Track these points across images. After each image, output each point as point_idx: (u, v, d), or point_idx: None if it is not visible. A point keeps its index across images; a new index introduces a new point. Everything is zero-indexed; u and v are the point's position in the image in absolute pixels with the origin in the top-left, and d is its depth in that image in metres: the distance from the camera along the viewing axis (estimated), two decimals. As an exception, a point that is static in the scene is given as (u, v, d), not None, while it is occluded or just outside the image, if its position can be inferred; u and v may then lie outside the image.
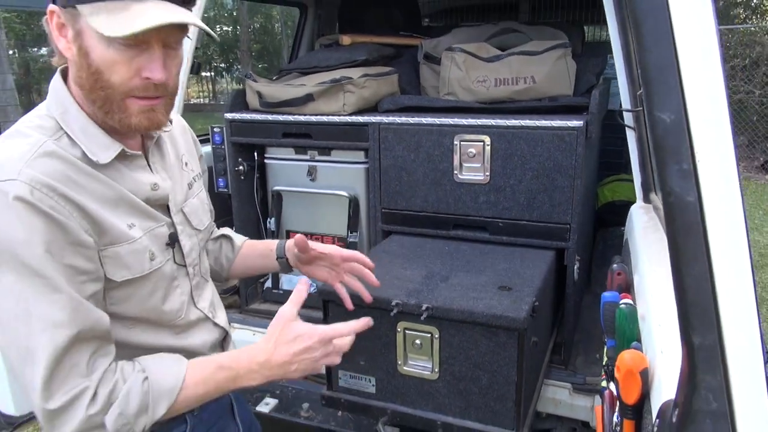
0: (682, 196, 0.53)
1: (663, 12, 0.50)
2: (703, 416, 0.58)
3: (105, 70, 0.96)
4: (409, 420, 1.69)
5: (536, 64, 2.15)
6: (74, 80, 1.01)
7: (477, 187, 2.01)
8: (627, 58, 1.57)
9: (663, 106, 0.53)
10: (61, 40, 0.97)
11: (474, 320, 1.53)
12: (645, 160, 1.60)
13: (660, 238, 1.31)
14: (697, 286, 0.55)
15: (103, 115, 1.01)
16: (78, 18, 0.94)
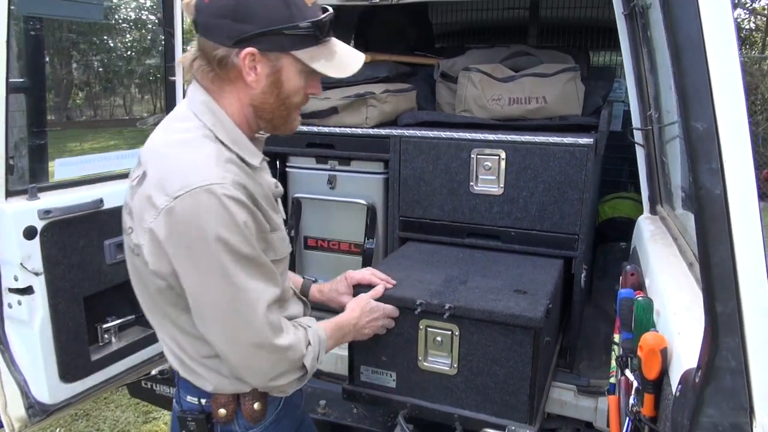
0: (711, 189, 0.66)
1: (699, 44, 0.64)
2: (723, 373, 0.70)
3: (293, 94, 1.23)
4: (428, 413, 1.78)
5: (548, 86, 2.30)
6: (253, 102, 1.21)
7: (491, 198, 2.15)
8: (638, 82, 1.72)
9: (697, 117, 0.66)
10: (250, 74, 1.17)
11: (493, 319, 1.64)
12: (652, 175, 1.75)
13: (668, 244, 1.45)
14: (721, 264, 0.68)
15: (271, 127, 1.28)
16: (282, 59, 1.18)
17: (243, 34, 1.13)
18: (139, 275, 1.23)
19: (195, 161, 1.13)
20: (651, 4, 1.54)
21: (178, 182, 1.09)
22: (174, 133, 1.20)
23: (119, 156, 2.11)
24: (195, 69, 1.21)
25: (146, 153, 1.21)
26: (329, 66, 1.20)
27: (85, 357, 2.01)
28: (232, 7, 1.12)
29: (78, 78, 14.15)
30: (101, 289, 2.04)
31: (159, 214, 1.10)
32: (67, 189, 1.94)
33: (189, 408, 1.34)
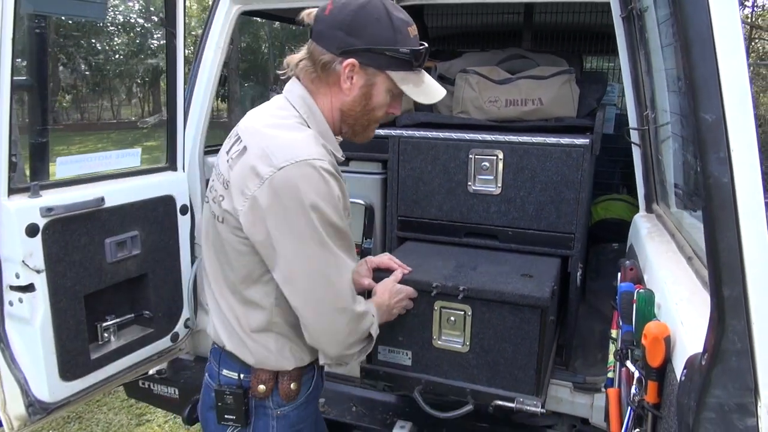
0: (719, 178, 0.70)
1: (708, 38, 0.67)
2: (730, 355, 0.74)
3: (377, 108, 1.40)
4: (442, 389, 1.89)
5: (543, 88, 2.34)
6: (342, 107, 1.38)
7: (489, 197, 2.18)
8: (635, 83, 1.77)
9: (706, 108, 0.69)
10: (346, 82, 1.34)
11: (504, 299, 1.77)
12: (649, 174, 1.79)
13: (666, 240, 1.49)
14: (728, 249, 0.71)
15: (351, 132, 1.45)
16: (378, 76, 1.34)
17: (350, 46, 1.30)
18: (221, 242, 1.36)
19: (297, 139, 1.29)
20: (648, 8, 1.58)
21: (282, 155, 1.24)
22: (273, 117, 1.36)
23: (120, 155, 2.11)
24: (299, 68, 1.38)
25: (245, 131, 1.35)
26: (416, 91, 1.38)
27: (85, 355, 2.01)
28: (348, 22, 1.29)
29: (65, 81, 14.06)
30: (101, 288, 2.04)
31: (263, 183, 1.23)
32: (69, 187, 1.94)
33: (227, 382, 1.44)
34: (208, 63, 2.45)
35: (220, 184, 1.35)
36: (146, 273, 2.20)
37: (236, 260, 1.34)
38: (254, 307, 1.37)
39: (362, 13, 1.29)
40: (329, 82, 1.35)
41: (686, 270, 1.23)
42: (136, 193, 2.12)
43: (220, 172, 1.37)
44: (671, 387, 0.96)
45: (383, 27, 1.30)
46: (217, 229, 1.36)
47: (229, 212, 1.30)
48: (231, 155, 1.34)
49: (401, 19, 1.33)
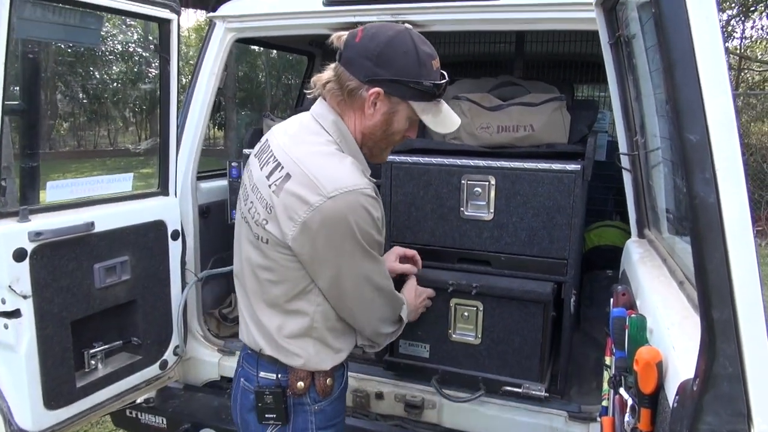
0: (705, 198, 0.69)
1: (690, 59, 0.67)
2: (721, 380, 0.72)
3: (396, 133, 1.50)
4: (456, 377, 2.16)
5: (535, 114, 2.36)
6: (364, 130, 1.48)
7: (481, 223, 2.17)
8: (624, 109, 1.78)
9: (690, 129, 0.69)
10: (370, 108, 1.43)
11: (511, 296, 2.05)
12: (639, 199, 1.79)
13: (658, 265, 1.48)
14: (716, 271, 0.70)
15: (369, 154, 1.54)
16: (400, 105, 1.43)
17: (377, 76, 1.38)
18: (264, 260, 1.45)
19: (342, 170, 1.38)
20: (635, 35, 1.60)
21: (330, 185, 1.34)
22: (311, 145, 1.44)
23: (111, 179, 2.11)
24: (326, 89, 1.45)
25: (287, 160, 1.41)
26: (434, 121, 1.48)
27: (71, 383, 1.98)
28: (377, 53, 1.37)
29: (62, 108, 14.15)
30: (89, 314, 2.02)
31: (313, 210, 1.33)
32: (59, 211, 1.93)
33: (266, 384, 1.53)
34: (202, 89, 2.46)
35: (262, 207, 1.42)
36: (135, 299, 2.18)
37: (283, 275, 1.44)
38: (296, 316, 1.48)
39: (391, 45, 1.37)
40: (354, 106, 1.44)
41: (678, 294, 1.22)
42: (126, 218, 2.11)
43: (261, 196, 1.43)
44: (664, 414, 0.94)
45: (409, 60, 1.38)
46: (261, 249, 1.45)
47: (275, 235, 1.39)
48: (274, 182, 1.40)
49: (426, 53, 1.41)
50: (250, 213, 1.47)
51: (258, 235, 1.44)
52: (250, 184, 1.49)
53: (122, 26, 13.91)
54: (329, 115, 1.46)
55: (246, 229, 1.50)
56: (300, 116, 1.55)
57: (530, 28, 2.27)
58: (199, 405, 2.47)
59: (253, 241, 1.46)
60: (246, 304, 1.56)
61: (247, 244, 1.50)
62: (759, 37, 15.04)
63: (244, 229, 1.51)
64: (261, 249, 1.44)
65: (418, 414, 2.26)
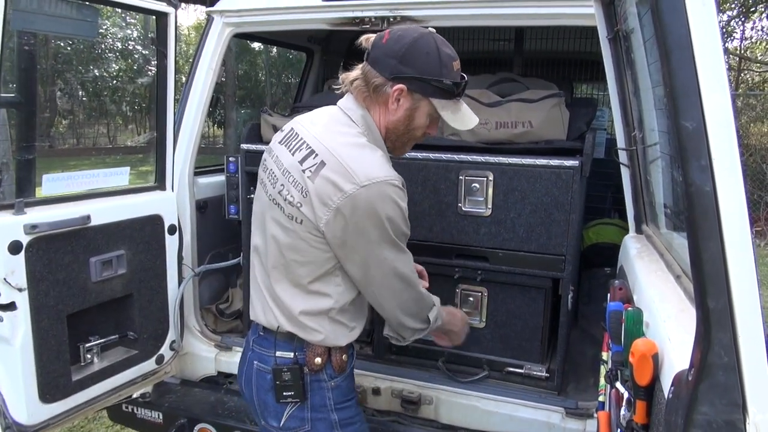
0: (701, 186, 0.68)
1: (687, 44, 0.67)
2: (716, 369, 0.71)
3: (417, 129, 1.60)
4: (462, 359, 2.28)
5: (533, 111, 2.35)
6: (387, 125, 1.58)
7: (479, 219, 2.17)
8: (622, 103, 1.77)
9: (686, 116, 0.69)
10: (394, 104, 1.53)
11: (514, 282, 2.16)
12: (638, 195, 1.78)
13: (655, 260, 1.47)
14: (712, 260, 0.69)
15: (392, 147, 1.64)
16: (421, 102, 1.53)
17: (401, 73, 1.49)
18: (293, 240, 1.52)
19: (374, 161, 1.48)
20: (634, 29, 1.59)
21: (363, 175, 1.43)
22: (345, 135, 1.53)
23: (108, 173, 2.10)
24: (354, 86, 1.56)
25: (320, 146, 1.50)
26: (453, 117, 1.57)
27: (66, 377, 1.97)
28: (402, 53, 1.48)
29: (62, 106, 14.13)
30: (85, 307, 2.01)
31: (346, 197, 1.42)
32: (55, 204, 1.92)
33: (283, 362, 1.59)
34: (200, 84, 2.45)
35: (297, 191, 1.50)
36: (132, 293, 2.17)
37: (310, 256, 1.52)
38: (317, 296, 1.56)
39: (415, 46, 1.49)
40: (378, 101, 1.55)
41: (675, 288, 1.22)
42: (123, 211, 2.10)
43: (295, 180, 1.51)
44: (660, 406, 0.94)
45: (432, 60, 1.49)
46: (293, 228, 1.52)
47: (308, 218, 1.47)
48: (308, 167, 1.49)
49: (448, 54, 1.52)
50: (281, 195, 1.54)
51: (291, 215, 1.52)
52: (280, 169, 1.56)
53: (122, 23, 13.89)
54: (358, 109, 1.56)
55: (277, 211, 1.56)
56: (327, 109, 1.65)
57: (529, 23, 2.27)
58: (195, 400, 2.46)
59: (283, 221, 1.54)
60: (265, 281, 1.63)
61: (274, 225, 1.57)
62: (759, 38, 15.03)
63: (274, 211, 1.57)
64: (293, 229, 1.52)
65: (414, 410, 2.25)
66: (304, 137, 1.56)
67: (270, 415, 1.63)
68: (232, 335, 2.64)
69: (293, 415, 1.61)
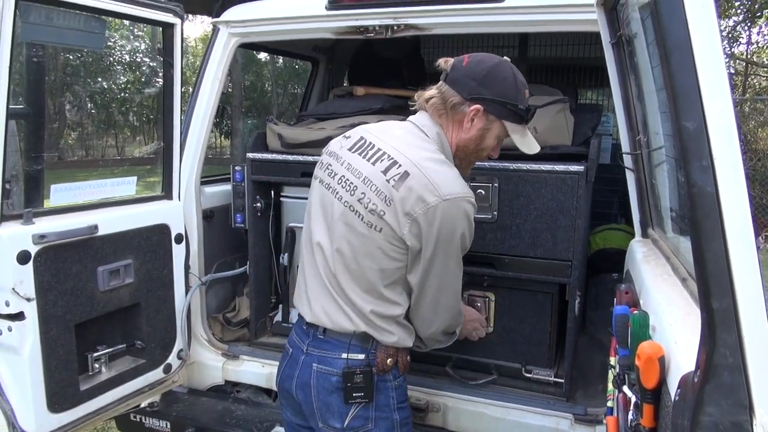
0: (703, 187, 0.68)
1: (687, 46, 0.67)
2: (722, 370, 0.71)
3: (485, 149, 1.70)
4: (470, 364, 2.28)
5: (538, 116, 2.31)
6: (459, 142, 1.67)
7: (485, 225, 2.17)
8: (626, 108, 1.77)
9: (687, 117, 0.69)
10: (468, 122, 1.62)
11: (521, 286, 2.17)
12: (643, 199, 1.78)
13: (661, 264, 1.47)
14: (715, 260, 0.69)
15: (459, 166, 1.68)
16: (494, 123, 1.63)
17: (479, 95, 1.59)
18: (371, 246, 1.58)
19: (455, 177, 1.57)
20: (636, 34, 1.60)
21: (446, 190, 1.52)
22: (425, 150, 1.60)
23: (115, 183, 2.12)
24: (429, 104, 1.65)
25: (402, 158, 1.57)
26: (521, 141, 1.68)
27: (75, 386, 1.98)
28: (482, 76, 1.58)
29: (71, 118, 14.25)
30: (93, 317, 2.02)
31: (428, 208, 1.51)
32: (63, 214, 1.93)
33: (355, 364, 1.64)
34: (206, 93, 2.48)
35: (380, 199, 1.56)
36: (139, 302, 2.18)
37: (385, 263, 1.59)
38: (388, 302, 1.64)
39: (495, 71, 1.59)
40: (454, 119, 1.63)
41: (681, 291, 1.21)
42: (130, 221, 2.12)
43: (378, 188, 1.57)
44: (666, 409, 0.93)
45: (509, 85, 1.60)
46: (371, 235, 1.58)
47: (391, 225, 1.55)
48: (392, 177, 1.56)
49: (522, 82, 1.63)
50: (360, 203, 1.59)
51: (371, 223, 1.57)
52: (359, 178, 1.61)
53: (130, 36, 14.03)
54: (434, 127, 1.65)
55: (353, 217, 1.61)
56: (398, 123, 1.74)
57: (533, 30, 2.27)
58: (203, 409, 2.46)
59: (361, 229, 1.59)
60: (332, 283, 1.66)
61: (348, 230, 1.61)
62: (765, 43, 14.99)
63: (350, 218, 1.61)
64: (371, 237, 1.58)
65: (422, 417, 2.24)
66: (382, 147, 1.62)
67: (333, 416, 1.66)
68: (239, 344, 2.64)
69: (358, 415, 1.65)
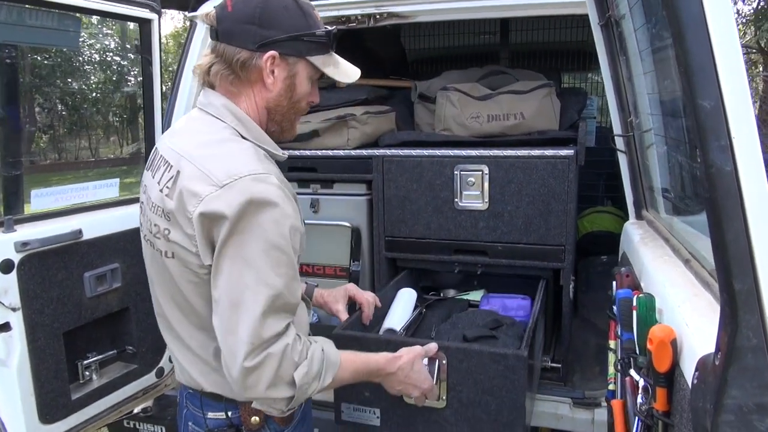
0: (721, 167, 0.67)
1: (702, 22, 0.65)
2: (745, 352, 0.70)
3: (301, 99, 1.33)
4: None
5: (525, 102, 2.34)
6: (268, 104, 1.30)
7: (476, 213, 2.15)
8: (617, 89, 1.76)
9: (704, 95, 0.67)
10: (269, 77, 1.26)
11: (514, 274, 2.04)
12: (636, 181, 1.78)
13: (660, 245, 1.47)
14: (735, 240, 0.68)
15: (280, 130, 1.35)
16: (298, 64, 1.28)
17: (267, 38, 1.23)
18: (174, 280, 1.24)
19: (236, 155, 1.19)
20: (625, 15, 1.59)
21: (223, 173, 1.14)
22: (202, 134, 1.26)
23: (97, 185, 2.06)
24: (213, 74, 1.27)
25: (174, 156, 1.23)
26: (337, 72, 1.33)
27: (66, 396, 1.92)
28: (258, 15, 1.23)
29: (42, 121, 13.94)
30: (81, 324, 1.96)
31: (201, 201, 1.13)
32: (45, 220, 1.88)
33: (216, 425, 1.33)
34: (186, 90, 2.41)
35: (160, 217, 1.22)
36: (128, 306, 2.13)
37: (196, 294, 1.23)
38: None
39: (269, 4, 1.24)
40: (251, 80, 1.27)
41: (684, 273, 1.21)
42: (115, 224, 2.06)
43: (155, 204, 1.24)
44: (682, 392, 0.92)
45: (294, 14, 1.26)
46: (167, 266, 1.24)
47: (179, 243, 1.19)
48: (165, 185, 1.21)
49: (307, 3, 1.30)
50: (152, 232, 1.26)
51: (162, 250, 1.24)
52: (149, 203, 1.27)
53: (99, 34, 13.73)
54: (216, 100, 1.28)
55: (148, 248, 1.30)
56: (188, 114, 1.39)
57: (519, 14, 2.24)
58: (197, 412, 2.42)
59: (159, 260, 1.26)
60: (172, 336, 1.34)
61: (156, 267, 1.29)
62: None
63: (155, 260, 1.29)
64: (168, 267, 1.24)
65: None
66: (162, 152, 1.28)
67: None
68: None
69: None
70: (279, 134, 1.36)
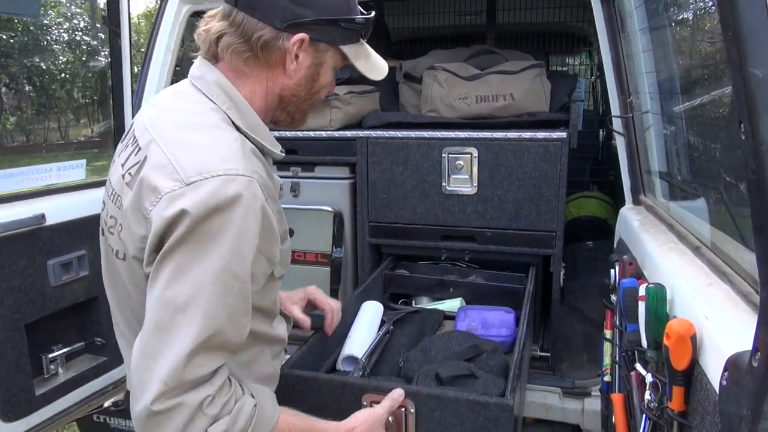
0: (774, 144, 0.59)
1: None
2: (789, 353, 0.63)
3: (320, 90, 1.15)
4: None
5: (514, 82, 2.25)
6: (283, 92, 1.11)
7: (465, 198, 2.07)
8: (617, 70, 1.69)
9: (756, 62, 0.59)
10: (293, 62, 1.07)
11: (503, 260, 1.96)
12: (634, 164, 1.71)
13: (663, 231, 1.40)
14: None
15: (290, 120, 1.17)
16: (327, 52, 1.10)
17: (299, 18, 1.04)
18: (124, 283, 1.06)
19: (216, 146, 0.97)
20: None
21: (192, 167, 0.93)
22: (183, 114, 1.04)
23: (62, 167, 1.92)
24: (223, 46, 1.05)
25: (145, 136, 1.02)
26: (368, 66, 1.15)
27: (29, 392, 1.80)
28: None
29: (8, 102, 13.48)
30: (45, 315, 1.84)
31: (159, 200, 0.92)
32: (4, 204, 1.74)
33: None
34: (158, 67, 2.28)
35: (117, 209, 1.03)
36: (96, 296, 2.00)
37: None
38: None
39: None
40: (271, 63, 1.07)
41: (694, 261, 1.14)
42: (81, 208, 1.93)
43: (114, 191, 1.05)
44: (704, 392, 0.85)
45: None
46: (118, 267, 1.05)
47: (130, 243, 0.99)
48: (128, 170, 1.01)
49: None
50: (107, 225, 1.08)
51: (112, 247, 1.05)
52: (109, 189, 1.08)
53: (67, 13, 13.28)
54: (211, 74, 1.07)
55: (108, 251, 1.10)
56: (177, 84, 1.16)
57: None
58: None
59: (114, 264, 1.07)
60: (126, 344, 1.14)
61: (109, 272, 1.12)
62: None
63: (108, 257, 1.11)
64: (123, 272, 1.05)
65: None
66: (137, 129, 1.07)
67: None
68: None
69: None
70: (288, 124, 1.19)
